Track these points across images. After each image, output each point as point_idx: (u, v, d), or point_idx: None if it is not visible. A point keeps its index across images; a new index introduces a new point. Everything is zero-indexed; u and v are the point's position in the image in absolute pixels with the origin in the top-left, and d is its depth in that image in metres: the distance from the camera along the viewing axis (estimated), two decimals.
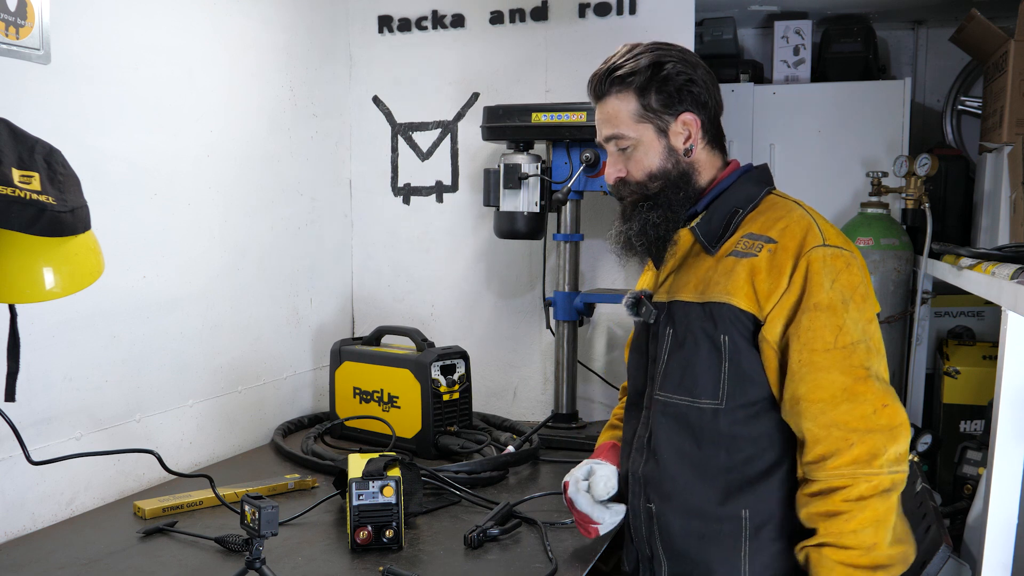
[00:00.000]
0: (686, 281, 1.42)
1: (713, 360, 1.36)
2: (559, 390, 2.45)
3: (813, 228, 1.35)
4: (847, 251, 1.35)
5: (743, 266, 1.34)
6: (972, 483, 2.45)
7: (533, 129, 2.30)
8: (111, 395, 1.92)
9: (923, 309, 2.92)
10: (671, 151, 1.43)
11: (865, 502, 1.25)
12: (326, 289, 2.76)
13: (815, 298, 1.30)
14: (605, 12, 2.54)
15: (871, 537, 1.25)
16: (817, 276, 1.30)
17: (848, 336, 1.29)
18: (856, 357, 1.29)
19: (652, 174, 1.43)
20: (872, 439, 1.26)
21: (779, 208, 1.41)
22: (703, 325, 1.37)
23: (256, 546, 1.37)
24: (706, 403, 1.37)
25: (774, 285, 1.32)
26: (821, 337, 1.29)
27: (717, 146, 1.48)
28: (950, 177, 3.07)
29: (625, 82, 1.41)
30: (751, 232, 1.38)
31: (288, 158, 2.53)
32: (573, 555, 1.58)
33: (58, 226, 1.30)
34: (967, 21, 2.75)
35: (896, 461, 1.27)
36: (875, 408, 1.27)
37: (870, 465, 1.26)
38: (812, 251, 1.32)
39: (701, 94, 1.43)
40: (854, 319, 1.30)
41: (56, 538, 1.67)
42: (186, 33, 2.11)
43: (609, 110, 1.44)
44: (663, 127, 1.42)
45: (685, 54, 1.45)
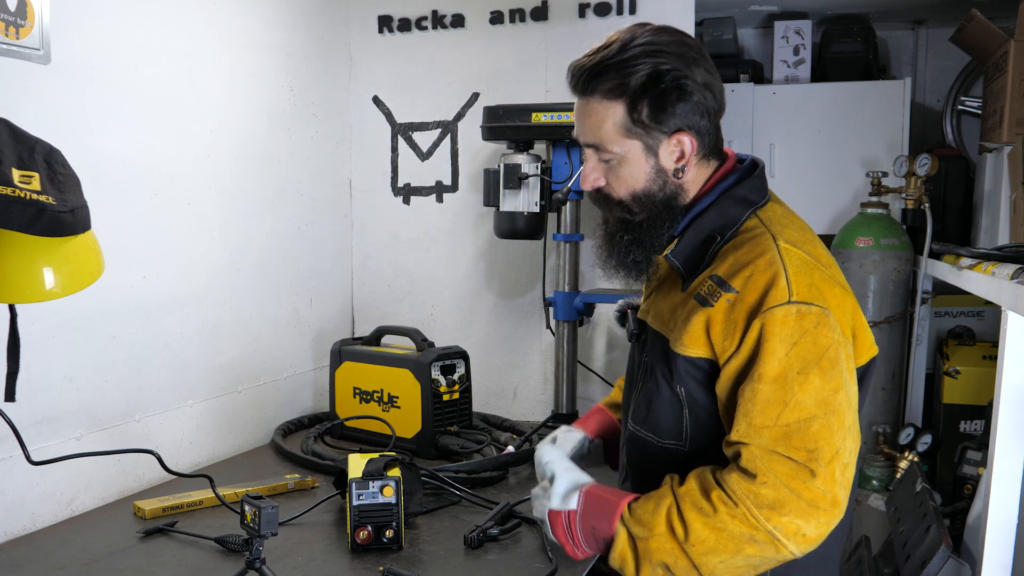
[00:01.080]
0: (659, 309, 1.34)
1: (675, 405, 1.28)
2: (559, 390, 2.45)
3: (780, 280, 1.18)
4: (818, 307, 1.18)
5: (699, 316, 1.22)
6: (972, 483, 2.46)
7: (533, 129, 2.30)
8: (111, 395, 1.92)
9: (923, 309, 2.92)
10: (659, 172, 1.28)
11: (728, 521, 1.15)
12: (326, 289, 2.76)
13: (762, 368, 1.16)
14: (605, 12, 2.55)
15: (701, 540, 1.16)
16: (770, 342, 1.16)
17: (795, 413, 1.15)
18: (798, 438, 1.15)
19: (635, 195, 1.28)
20: (785, 494, 1.14)
21: (752, 247, 1.23)
22: (663, 369, 1.29)
23: (256, 546, 1.37)
24: (670, 444, 1.31)
25: (728, 343, 1.20)
26: (762, 412, 1.16)
27: (712, 158, 1.33)
28: (950, 177, 3.07)
29: (615, 87, 1.24)
30: (717, 274, 1.23)
31: (288, 158, 2.53)
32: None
33: (58, 226, 1.30)
34: (967, 21, 2.75)
35: (789, 533, 1.14)
36: (812, 482, 1.14)
37: (761, 510, 1.14)
38: (771, 311, 1.16)
39: (701, 103, 1.25)
40: (812, 390, 1.15)
41: (56, 538, 1.67)
42: (186, 33, 2.11)
43: (591, 115, 1.27)
44: (653, 144, 1.26)
45: (686, 52, 1.25)
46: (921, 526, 2.09)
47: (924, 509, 2.15)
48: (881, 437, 2.84)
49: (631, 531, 1.21)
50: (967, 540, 2.09)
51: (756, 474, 1.15)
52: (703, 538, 1.16)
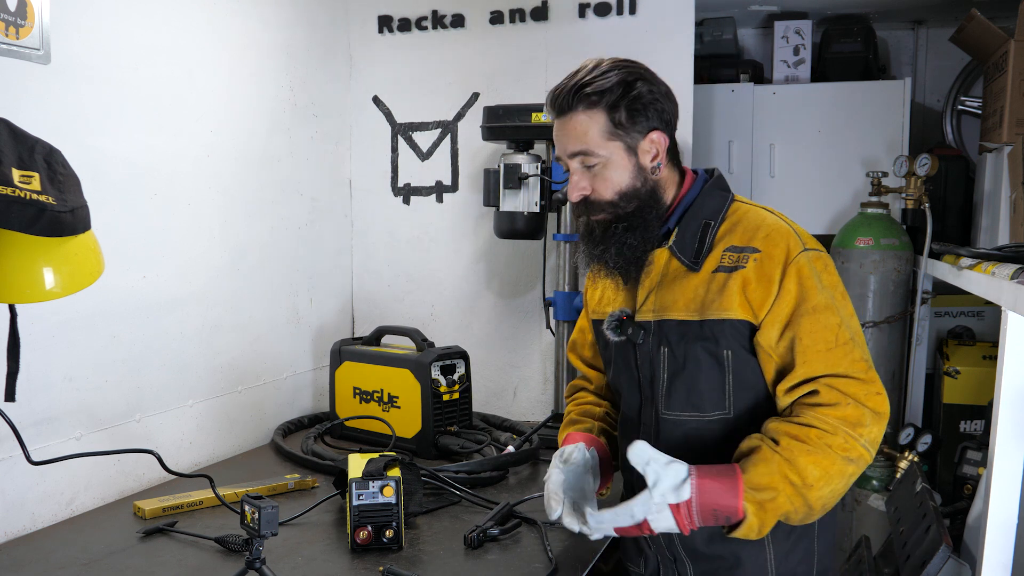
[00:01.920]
0: (674, 299, 1.41)
1: (716, 375, 1.39)
2: (559, 390, 2.45)
3: (792, 234, 1.38)
4: (822, 252, 1.40)
5: (734, 280, 1.36)
6: (972, 483, 2.45)
7: (533, 129, 2.30)
8: (111, 395, 1.92)
9: (923, 309, 2.92)
10: (640, 169, 1.41)
11: (831, 452, 1.29)
12: (326, 289, 2.76)
13: (812, 301, 1.33)
14: (605, 12, 2.55)
15: (816, 478, 1.28)
16: (809, 280, 1.34)
17: (847, 331, 1.34)
18: (855, 352, 1.34)
19: (622, 192, 1.41)
20: (861, 410, 1.31)
21: (752, 217, 1.42)
22: (704, 344, 1.39)
23: (256, 546, 1.37)
24: (715, 415, 1.41)
25: (765, 293, 1.35)
26: (823, 338, 1.33)
27: (675, 162, 1.48)
28: (950, 177, 3.07)
29: (595, 98, 1.38)
30: (733, 245, 1.39)
31: (288, 158, 2.53)
32: (573, 555, 1.58)
33: (58, 226, 1.30)
34: (967, 21, 2.75)
35: (872, 441, 1.32)
36: (869, 391, 1.32)
37: (855, 428, 1.30)
38: (798, 257, 1.35)
39: (665, 112, 1.42)
40: (847, 311, 1.36)
41: (56, 538, 1.67)
42: (186, 33, 2.11)
43: (576, 126, 1.40)
44: (632, 145, 1.40)
45: (648, 72, 1.43)
46: (921, 526, 2.09)
47: (924, 509, 2.15)
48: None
49: (758, 500, 1.29)
50: (967, 540, 2.09)
51: (837, 402, 1.31)
52: (816, 476, 1.29)
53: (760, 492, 1.28)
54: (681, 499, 1.28)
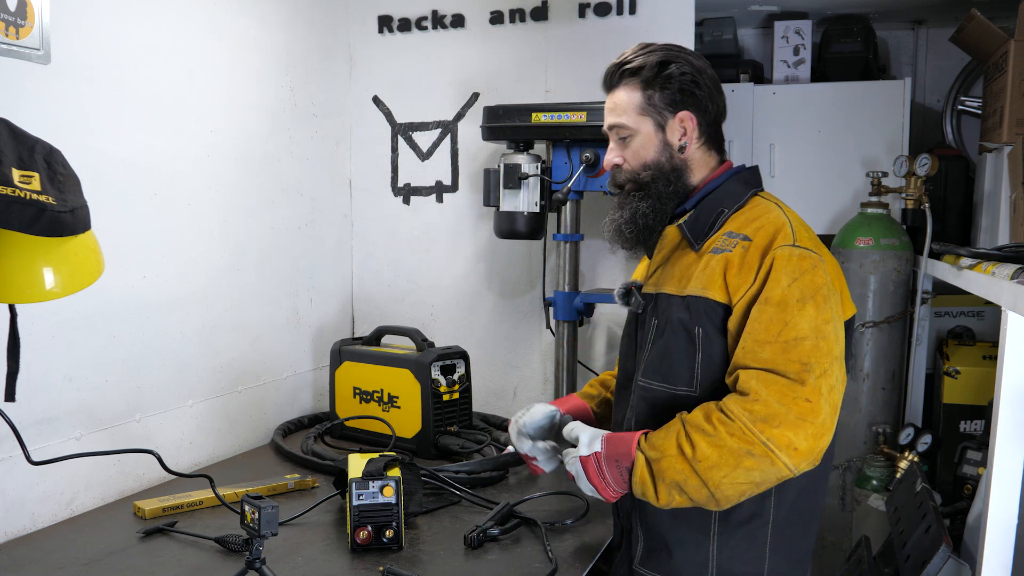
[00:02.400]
0: (671, 275, 1.49)
1: (689, 350, 1.43)
2: (559, 390, 2.44)
3: (786, 229, 1.40)
4: (815, 254, 1.38)
5: (717, 261, 1.41)
6: (972, 483, 2.45)
7: (533, 129, 2.30)
8: (111, 395, 1.92)
9: (923, 309, 2.92)
10: (666, 146, 1.50)
11: (726, 438, 1.30)
12: (326, 289, 2.76)
13: (768, 292, 1.35)
14: (605, 12, 2.54)
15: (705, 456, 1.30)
16: (776, 272, 1.35)
17: (793, 331, 1.32)
18: (796, 352, 1.31)
19: (646, 164, 1.50)
20: (775, 409, 1.29)
21: (759, 209, 1.47)
22: (681, 317, 1.44)
23: (256, 546, 1.37)
24: (682, 390, 1.44)
25: (743, 280, 1.38)
26: (766, 329, 1.33)
27: (714, 147, 1.54)
28: (950, 177, 3.07)
29: (633, 76, 1.49)
30: (731, 231, 1.44)
31: (288, 158, 2.53)
32: (573, 555, 1.59)
33: (58, 226, 1.30)
34: (967, 21, 2.75)
35: (781, 445, 1.28)
36: (796, 395, 1.29)
37: (755, 423, 1.29)
38: (779, 249, 1.37)
39: (703, 98, 1.49)
40: (808, 317, 1.33)
41: (56, 538, 1.67)
42: (186, 33, 2.11)
43: (616, 100, 1.52)
44: (662, 122, 1.49)
45: (694, 59, 1.51)
46: (921, 526, 2.09)
47: (924, 509, 2.15)
48: (881, 437, 2.84)
49: (647, 455, 1.36)
50: (967, 540, 2.09)
51: (749, 392, 1.31)
52: (707, 455, 1.31)
53: (653, 450, 1.36)
54: (593, 450, 1.41)
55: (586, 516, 1.75)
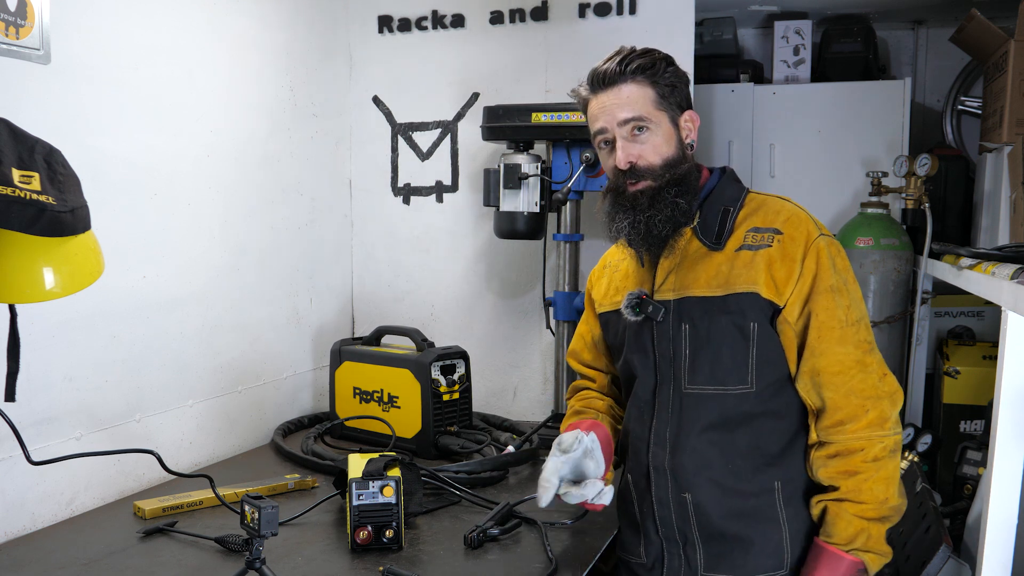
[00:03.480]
0: (695, 277, 1.47)
1: (741, 348, 1.44)
2: (559, 390, 2.44)
3: (809, 220, 1.48)
4: (836, 238, 1.51)
5: (761, 257, 1.44)
6: (972, 483, 2.45)
7: (533, 129, 2.30)
8: (111, 395, 1.92)
9: (923, 309, 2.92)
10: (680, 142, 1.50)
11: (880, 462, 1.40)
12: (326, 289, 2.76)
13: (827, 282, 1.42)
14: (605, 12, 2.54)
15: (883, 492, 1.39)
16: (827, 260, 1.43)
17: (855, 313, 1.43)
18: (861, 332, 1.43)
19: (668, 160, 1.47)
20: (881, 405, 1.41)
21: (770, 204, 1.51)
22: (729, 316, 1.44)
23: (256, 546, 1.37)
24: (739, 389, 1.45)
25: (789, 272, 1.42)
26: (836, 316, 1.42)
27: None
28: (950, 177, 3.07)
29: (644, 72, 1.46)
30: (756, 226, 1.47)
31: (288, 158, 2.53)
32: (573, 555, 1.58)
33: (58, 226, 1.30)
34: (967, 21, 2.75)
35: (897, 423, 1.44)
36: (879, 376, 1.43)
37: (882, 427, 1.41)
38: (815, 242, 1.44)
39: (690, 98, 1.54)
40: (855, 292, 1.46)
41: (56, 538, 1.67)
42: (186, 33, 2.11)
43: (627, 95, 1.46)
44: (675, 118, 1.50)
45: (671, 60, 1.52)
46: (921, 526, 2.09)
47: (924, 509, 2.15)
48: None
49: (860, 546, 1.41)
50: (967, 540, 2.09)
51: (857, 415, 1.41)
52: (882, 488, 1.40)
53: (856, 540, 1.40)
54: None
55: (586, 516, 1.75)
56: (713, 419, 1.46)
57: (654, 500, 1.51)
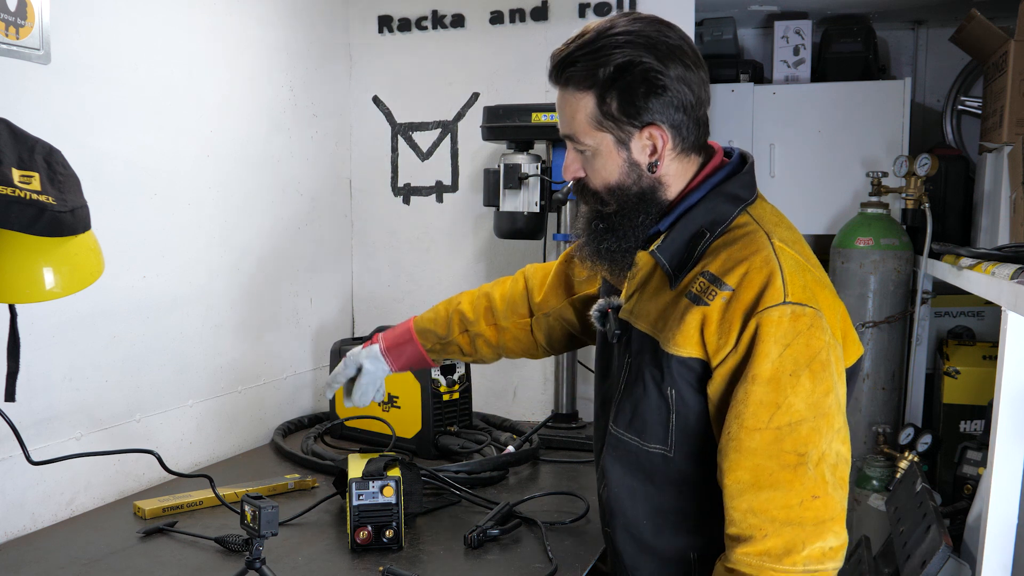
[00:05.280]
0: (646, 310, 1.28)
1: (662, 409, 1.25)
2: (559, 390, 2.45)
3: (776, 279, 1.16)
4: (812, 309, 1.16)
5: (693, 315, 1.19)
6: (972, 483, 2.46)
7: (533, 129, 2.30)
8: (111, 395, 1.92)
9: (923, 309, 2.92)
10: (633, 165, 1.25)
11: None
12: (326, 289, 2.75)
13: (756, 368, 1.15)
14: (605, 12, 2.54)
15: None
16: (764, 343, 1.14)
17: (786, 416, 1.14)
18: (790, 441, 1.14)
19: (609, 187, 1.26)
20: (790, 533, 1.13)
21: (746, 244, 1.21)
22: (652, 371, 1.25)
23: (256, 546, 1.37)
24: (655, 448, 1.28)
25: (723, 341, 1.18)
26: (754, 414, 1.15)
27: (695, 150, 1.29)
28: (950, 177, 3.07)
29: (583, 79, 1.21)
30: (709, 271, 1.20)
31: (288, 158, 2.53)
32: (573, 555, 1.58)
33: (58, 226, 1.30)
34: (967, 21, 2.75)
35: (817, 559, 1.13)
36: (802, 499, 1.13)
37: (781, 561, 1.13)
38: (767, 311, 1.15)
39: (676, 97, 1.22)
40: (804, 392, 1.14)
41: (56, 538, 1.67)
42: (186, 33, 2.11)
43: (567, 106, 1.25)
44: (624, 138, 1.23)
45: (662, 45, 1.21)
46: (921, 526, 2.09)
47: (924, 509, 2.15)
48: (881, 437, 2.84)
49: None
50: (967, 540, 2.09)
51: (754, 534, 1.15)
52: None
53: None
54: None
55: (586, 516, 1.75)
56: (632, 467, 1.30)
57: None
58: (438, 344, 1.68)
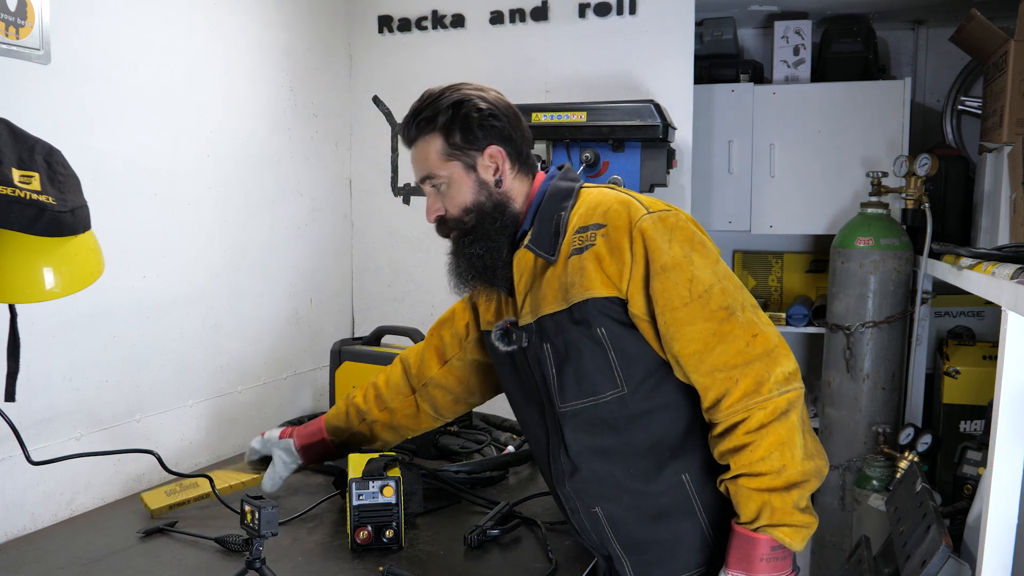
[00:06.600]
0: (544, 294, 1.43)
1: (599, 355, 1.39)
2: None
3: (633, 203, 1.40)
4: (671, 211, 1.40)
5: (587, 261, 1.37)
6: (972, 483, 2.45)
7: (533, 129, 2.28)
8: (111, 395, 1.92)
9: (923, 309, 2.92)
10: (482, 184, 1.46)
11: (765, 429, 1.29)
12: (326, 289, 2.75)
13: (659, 261, 1.34)
14: (605, 12, 2.55)
15: (779, 460, 1.29)
16: (653, 241, 1.34)
17: (700, 284, 1.34)
18: (713, 301, 1.33)
19: (467, 208, 1.46)
20: (753, 370, 1.31)
21: (594, 196, 1.45)
22: (578, 328, 1.39)
23: (256, 546, 1.37)
24: (610, 395, 1.39)
25: (620, 264, 1.36)
26: (677, 294, 1.33)
27: (528, 173, 1.51)
28: (950, 177, 3.07)
29: (429, 124, 1.45)
30: (581, 226, 1.41)
31: (288, 158, 2.53)
32: (573, 555, 1.58)
33: (58, 226, 1.30)
34: (967, 21, 2.75)
35: (784, 381, 1.31)
36: (747, 341, 1.32)
37: (759, 393, 1.30)
38: (639, 222, 1.36)
39: (504, 128, 1.47)
40: (700, 266, 1.35)
41: (56, 538, 1.67)
42: (186, 33, 2.11)
43: (420, 154, 1.48)
44: (471, 163, 1.46)
45: (483, 92, 1.49)
46: (921, 526, 2.09)
47: (924, 509, 2.15)
48: (881, 437, 2.84)
49: (768, 521, 1.30)
50: (967, 540, 2.09)
51: (728, 388, 1.31)
52: (776, 457, 1.29)
53: (760, 516, 1.30)
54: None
55: None
56: (597, 429, 1.41)
57: (573, 522, 1.50)
58: (344, 435, 1.81)
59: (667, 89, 2.53)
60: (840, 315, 2.91)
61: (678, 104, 2.53)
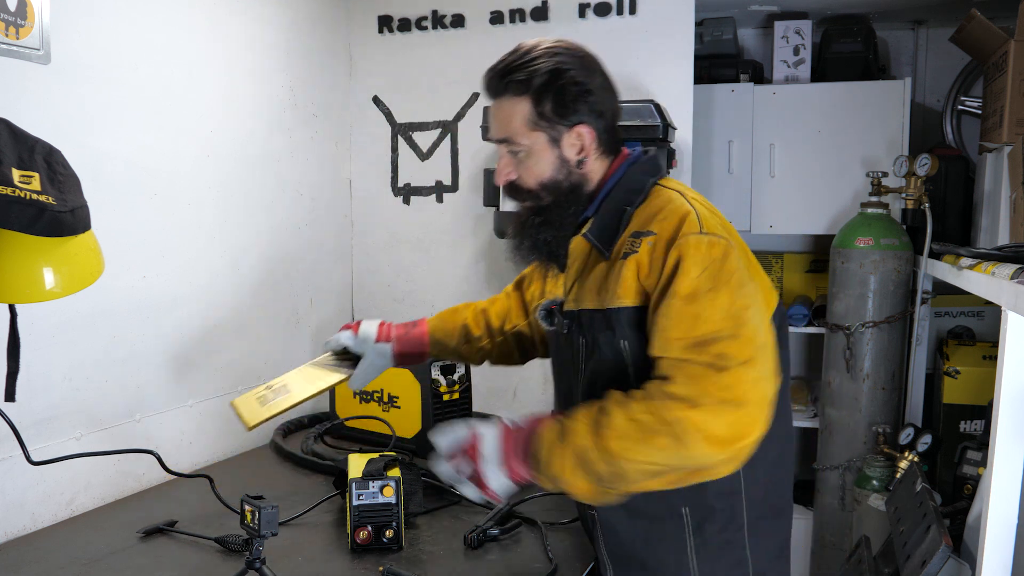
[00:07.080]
0: (590, 287, 1.38)
1: (620, 367, 1.34)
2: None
3: (691, 217, 1.30)
4: (725, 239, 1.28)
5: (628, 267, 1.31)
6: (972, 483, 2.45)
7: None
8: (111, 395, 1.92)
9: (923, 309, 2.92)
10: (563, 162, 1.38)
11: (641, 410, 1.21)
12: (326, 289, 2.75)
13: (676, 286, 1.25)
14: (605, 12, 2.54)
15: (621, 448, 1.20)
16: (685, 263, 1.25)
17: (705, 326, 1.22)
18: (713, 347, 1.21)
19: (543, 184, 1.39)
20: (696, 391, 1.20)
21: (661, 199, 1.35)
22: (605, 334, 1.35)
23: (256, 546, 1.37)
24: None
25: (655, 277, 1.28)
26: (675, 326, 1.24)
27: (610, 152, 1.43)
28: (950, 177, 3.07)
29: (521, 86, 1.35)
30: (635, 230, 1.33)
31: (288, 158, 2.53)
32: (573, 555, 1.59)
33: (58, 226, 1.30)
34: (967, 21, 2.75)
35: (691, 430, 1.17)
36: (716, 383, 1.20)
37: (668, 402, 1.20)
38: (685, 238, 1.27)
39: (597, 103, 1.37)
40: (722, 306, 1.23)
41: (56, 538, 1.67)
42: (186, 33, 2.11)
43: (503, 112, 1.38)
44: (556, 136, 1.37)
45: (585, 59, 1.39)
46: (921, 526, 2.09)
47: (924, 509, 2.15)
48: (881, 437, 2.84)
49: (560, 423, 1.27)
50: (967, 540, 2.09)
51: (669, 376, 1.22)
52: (616, 424, 1.21)
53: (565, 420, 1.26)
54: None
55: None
56: None
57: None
58: (444, 351, 1.78)
59: (667, 89, 2.53)
60: (840, 315, 2.91)
61: (678, 104, 2.53)
